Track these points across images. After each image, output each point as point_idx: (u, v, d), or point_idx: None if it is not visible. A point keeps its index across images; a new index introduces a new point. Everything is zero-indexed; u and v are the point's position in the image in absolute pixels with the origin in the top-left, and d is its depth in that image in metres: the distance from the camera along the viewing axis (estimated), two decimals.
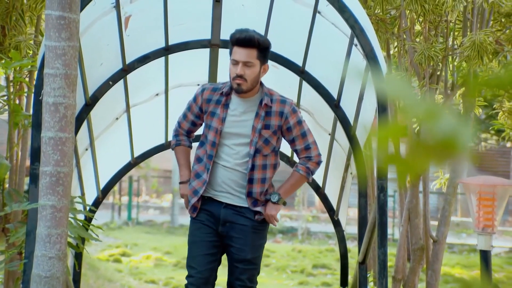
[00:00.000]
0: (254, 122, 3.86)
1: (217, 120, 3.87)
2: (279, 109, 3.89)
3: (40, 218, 3.52)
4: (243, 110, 3.88)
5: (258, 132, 3.84)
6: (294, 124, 3.90)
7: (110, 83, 4.92)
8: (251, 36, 3.80)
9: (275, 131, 3.89)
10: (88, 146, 5.38)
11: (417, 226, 5.17)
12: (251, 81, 3.82)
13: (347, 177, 5.53)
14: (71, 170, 3.57)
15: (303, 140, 3.94)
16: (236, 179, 3.89)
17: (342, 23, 4.45)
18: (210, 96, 3.91)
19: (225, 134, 3.87)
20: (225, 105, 3.88)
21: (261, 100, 3.88)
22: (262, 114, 3.86)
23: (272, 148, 3.92)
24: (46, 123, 3.49)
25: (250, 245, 3.90)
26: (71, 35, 3.50)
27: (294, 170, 3.98)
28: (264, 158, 3.90)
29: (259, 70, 3.85)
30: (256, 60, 3.82)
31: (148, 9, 4.86)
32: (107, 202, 18.32)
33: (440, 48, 5.02)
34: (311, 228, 16.91)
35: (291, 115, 3.90)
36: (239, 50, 3.80)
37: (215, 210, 3.91)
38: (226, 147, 3.87)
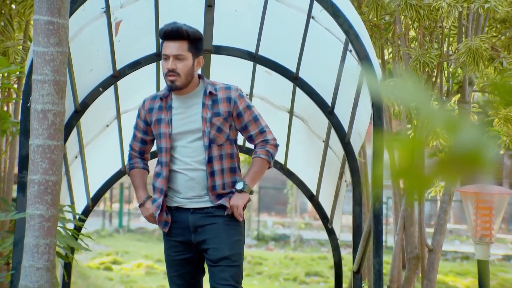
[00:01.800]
0: (203, 113, 3.69)
1: (163, 125, 3.72)
2: (225, 95, 3.72)
3: (28, 228, 3.45)
4: (188, 106, 3.72)
5: (209, 122, 3.68)
6: (244, 109, 3.74)
7: (101, 89, 4.85)
8: (179, 28, 3.65)
9: (226, 118, 3.71)
10: (78, 153, 5.30)
11: (412, 235, 5.10)
12: (185, 75, 3.65)
13: (341, 185, 5.46)
14: (60, 179, 3.50)
15: (256, 124, 3.77)
16: (198, 180, 3.70)
17: (336, 28, 4.38)
18: (151, 105, 3.78)
19: (176, 136, 3.71)
20: (167, 107, 3.73)
21: (204, 90, 3.72)
22: (209, 103, 3.70)
23: (226, 136, 3.73)
24: (35, 131, 3.42)
25: (225, 242, 3.69)
26: (60, 40, 3.43)
27: (255, 157, 3.78)
28: (220, 148, 3.71)
29: (192, 63, 3.68)
30: (188, 52, 3.66)
31: (138, 14, 4.79)
32: (98, 209, 18.22)
33: (435, 54, 4.97)
34: (304, 236, 16.84)
35: (239, 99, 3.73)
36: (168, 44, 3.65)
37: (183, 219, 3.73)
38: (181, 148, 3.70)
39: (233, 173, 3.75)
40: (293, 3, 4.73)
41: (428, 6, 4.85)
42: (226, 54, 4.99)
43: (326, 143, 5.40)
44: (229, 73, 5.08)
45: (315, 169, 5.62)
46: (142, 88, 5.42)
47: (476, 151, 0.76)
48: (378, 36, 5.19)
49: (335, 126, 5.00)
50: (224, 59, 5.03)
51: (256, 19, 4.79)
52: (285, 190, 17.80)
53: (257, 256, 13.87)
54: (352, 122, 4.84)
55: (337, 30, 4.50)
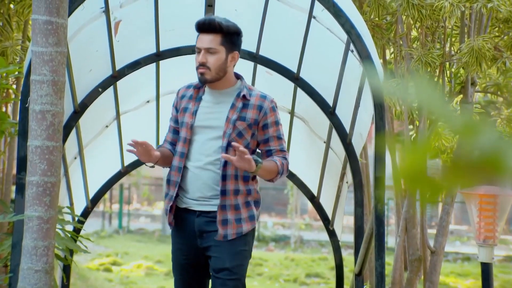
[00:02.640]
0: (229, 113, 3.55)
1: (188, 114, 3.59)
2: (258, 102, 3.57)
3: (26, 230, 3.42)
4: (217, 101, 3.59)
5: (232, 123, 3.53)
6: (272, 123, 3.58)
7: (100, 90, 4.81)
8: (212, 20, 3.51)
9: (250, 125, 3.55)
10: (77, 154, 5.27)
11: (414, 236, 5.06)
12: (216, 70, 3.52)
13: (342, 186, 5.42)
14: (58, 180, 3.46)
15: (279, 142, 3.60)
16: (207, 181, 3.53)
17: (338, 28, 4.35)
18: (185, 92, 3.66)
19: (197, 128, 3.57)
20: (197, 98, 3.61)
21: (239, 92, 3.58)
22: (239, 106, 3.55)
23: (245, 143, 3.55)
24: (33, 132, 3.39)
25: (228, 252, 3.53)
26: (58, 40, 3.40)
27: (271, 159, 3.55)
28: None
29: (225, 58, 3.53)
30: (220, 46, 3.51)
31: (138, 14, 4.76)
32: (98, 210, 18.18)
33: (437, 54, 4.93)
34: (304, 236, 16.80)
35: (271, 112, 3.58)
36: (201, 37, 3.53)
37: (189, 223, 3.58)
38: (198, 143, 3.55)
39: (246, 182, 3.57)
40: (294, 2, 4.69)
41: (431, 6, 4.81)
42: None
43: (327, 144, 5.36)
44: None
45: (316, 170, 5.59)
46: (141, 89, 5.39)
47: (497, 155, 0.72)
48: (379, 36, 5.15)
49: (337, 127, 4.96)
50: None
51: (257, 19, 4.75)
52: (286, 190, 17.77)
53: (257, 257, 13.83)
54: (353, 123, 4.81)
55: (338, 30, 4.47)
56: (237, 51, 3.57)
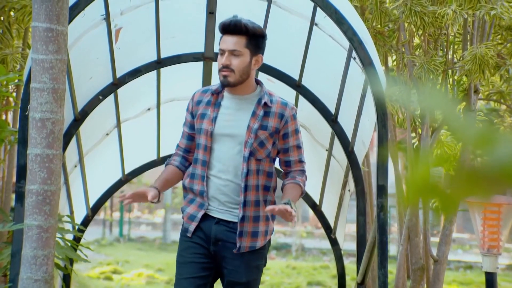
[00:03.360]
0: (250, 122, 3.43)
1: (207, 121, 3.45)
2: (279, 110, 3.46)
3: (26, 239, 3.38)
4: (238, 108, 3.46)
5: (254, 133, 3.42)
6: (292, 132, 3.49)
7: (100, 97, 4.79)
8: (237, 22, 3.39)
9: (272, 134, 3.45)
10: (77, 162, 5.24)
11: (417, 245, 5.02)
12: (240, 73, 3.40)
13: (344, 194, 5.39)
14: (58, 189, 3.43)
15: (298, 152, 3.55)
16: (229, 190, 3.44)
17: (340, 35, 4.32)
18: (201, 97, 3.52)
19: (217, 136, 3.45)
20: (216, 104, 3.47)
21: (259, 99, 3.46)
22: (260, 114, 3.44)
23: (267, 153, 3.46)
24: (33, 140, 3.36)
25: (245, 266, 3.45)
26: (59, 47, 3.37)
27: (293, 182, 3.51)
28: (258, 163, 3.45)
29: (249, 61, 3.41)
30: (245, 48, 3.40)
31: (139, 22, 4.73)
32: (98, 218, 18.14)
33: (440, 61, 4.90)
34: (306, 244, 16.75)
35: (292, 120, 3.48)
36: (225, 38, 3.41)
37: (206, 227, 3.47)
38: (218, 152, 3.44)
39: (266, 192, 3.49)
40: (296, 9, 4.66)
41: (433, 13, 4.78)
42: None
43: (329, 151, 5.33)
44: None
45: (318, 178, 5.55)
46: (142, 96, 5.36)
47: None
48: (382, 43, 5.12)
49: (339, 135, 4.93)
50: None
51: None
52: None
53: None
54: (356, 131, 4.77)
55: (340, 37, 4.44)
56: (261, 55, 3.46)
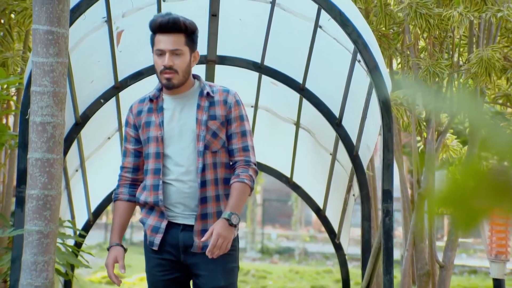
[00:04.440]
0: (198, 115, 3.29)
1: (154, 128, 3.31)
2: (222, 97, 3.33)
3: (26, 245, 3.33)
4: (181, 107, 3.33)
5: (204, 125, 3.28)
6: (235, 118, 3.33)
7: (102, 101, 4.74)
8: (176, 19, 3.24)
9: (222, 122, 3.32)
10: (79, 167, 5.20)
11: (422, 251, 4.96)
12: (183, 72, 3.27)
13: (349, 199, 5.33)
14: (59, 193, 3.38)
15: (242, 139, 3.34)
16: (191, 193, 3.28)
17: (345, 38, 4.27)
18: (140, 108, 3.37)
19: (168, 140, 3.29)
20: (158, 109, 3.32)
21: (200, 91, 3.33)
22: (205, 105, 3.31)
23: (221, 143, 3.32)
24: (33, 144, 3.30)
25: (220, 270, 3.27)
26: (59, 50, 3.32)
27: (237, 181, 3.28)
28: (214, 155, 3.30)
29: (190, 59, 3.29)
30: (185, 46, 3.27)
31: (141, 24, 4.67)
32: (100, 222, 18.09)
33: (445, 64, 4.84)
34: (309, 248, 16.67)
35: (235, 106, 3.34)
36: (163, 38, 3.25)
37: (172, 237, 3.31)
38: (172, 155, 3.29)
39: (227, 185, 3.33)
40: (300, 12, 4.61)
41: (439, 15, 4.72)
42: (231, 64, 4.88)
43: (334, 156, 5.28)
44: (233, 84, 4.94)
45: (322, 182, 5.50)
46: None
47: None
48: (386, 46, 5.06)
49: (343, 139, 4.87)
50: (228, 70, 4.92)
51: (262, 29, 4.68)
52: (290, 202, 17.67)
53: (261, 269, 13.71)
54: (360, 135, 4.72)
55: (345, 40, 4.39)
56: (197, 50, 3.35)
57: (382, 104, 4.11)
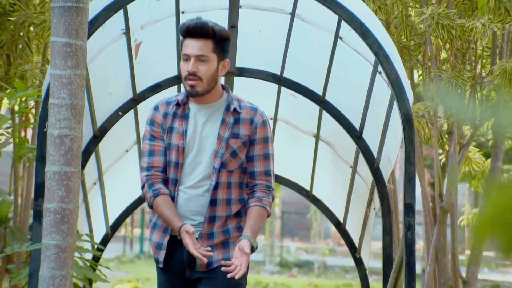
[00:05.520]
0: (220, 130, 3.18)
1: (176, 135, 3.20)
2: (249, 116, 3.21)
3: (44, 259, 3.30)
4: (206, 118, 3.21)
5: (225, 142, 3.17)
6: (259, 139, 3.21)
7: (120, 113, 4.71)
8: (204, 24, 3.14)
9: (245, 142, 3.20)
10: (97, 180, 5.17)
11: (445, 266, 4.87)
12: (208, 80, 3.15)
13: (369, 212, 5.26)
14: (77, 207, 3.35)
15: (265, 163, 3.22)
16: (198, 207, 3.20)
17: (365, 49, 4.22)
18: (166, 110, 3.25)
19: (188, 150, 3.20)
20: (183, 116, 3.22)
21: (227, 105, 3.22)
22: (230, 121, 3.20)
23: (239, 163, 3.20)
24: (51, 157, 3.28)
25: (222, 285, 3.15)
26: (78, 63, 3.29)
27: (259, 205, 3.17)
28: (229, 175, 3.19)
29: (217, 67, 3.17)
30: (212, 53, 3.15)
31: (159, 36, 4.66)
32: (119, 235, 18.09)
33: (468, 76, 4.77)
34: (328, 262, 16.56)
35: (261, 126, 3.22)
36: (190, 42, 3.15)
37: (177, 253, 3.22)
38: (188, 166, 3.19)
39: (238, 205, 3.24)
40: (320, 23, 4.57)
41: (461, 26, 4.66)
42: (250, 76, 4.84)
43: (354, 168, 5.21)
44: (253, 96, 4.89)
45: (342, 195, 5.44)
46: None
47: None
48: (407, 57, 5.00)
49: (364, 151, 4.81)
50: (247, 82, 4.88)
51: (281, 40, 4.63)
52: (309, 215, 17.59)
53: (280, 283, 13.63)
54: (381, 147, 4.65)
55: (366, 51, 4.34)
56: (228, 59, 3.24)
57: (403, 117, 4.06)
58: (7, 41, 4.87)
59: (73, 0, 3.23)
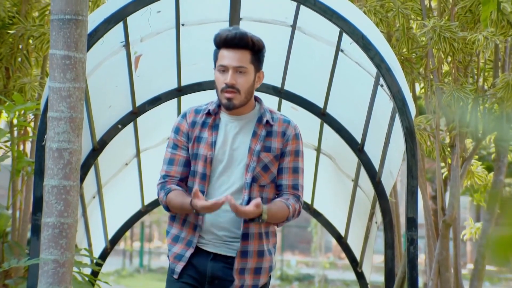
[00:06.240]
0: (251, 143, 3.07)
1: (204, 145, 3.07)
2: (281, 129, 3.11)
3: (42, 274, 3.26)
4: (237, 130, 3.10)
5: (256, 155, 3.06)
6: (290, 152, 3.11)
7: (119, 126, 4.69)
8: (243, 34, 3.02)
9: (276, 156, 3.09)
10: (96, 193, 5.14)
11: (448, 280, 4.82)
12: (245, 93, 3.04)
13: (371, 226, 5.21)
14: (75, 221, 3.31)
15: (293, 176, 3.12)
16: (227, 222, 3.07)
17: (367, 62, 4.19)
18: (195, 118, 3.12)
19: (216, 162, 3.07)
20: (214, 126, 3.09)
21: (259, 117, 3.11)
22: (262, 134, 3.08)
23: (272, 177, 3.10)
24: (49, 170, 3.24)
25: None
26: (77, 75, 3.26)
27: (283, 202, 3.07)
28: (261, 190, 3.08)
29: (254, 79, 3.07)
30: (250, 65, 3.04)
31: (159, 48, 4.64)
32: (118, 249, 18.02)
33: (470, 89, 4.74)
34: (329, 275, 16.49)
35: (293, 139, 3.12)
36: (228, 53, 3.02)
37: (200, 264, 3.10)
38: (216, 180, 3.07)
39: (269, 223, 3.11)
40: (321, 35, 4.55)
41: (463, 39, 4.63)
42: None
43: (356, 182, 5.17)
44: None
45: (344, 209, 5.40)
46: (162, 125, 5.25)
47: None
48: (409, 70, 4.98)
49: (365, 165, 4.77)
50: None
51: (282, 53, 4.61)
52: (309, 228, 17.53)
53: None
54: (383, 160, 4.62)
55: (367, 64, 4.31)
56: (263, 71, 3.14)
57: (405, 130, 4.02)
58: (6, 54, 4.86)
59: (72, 13, 3.20)
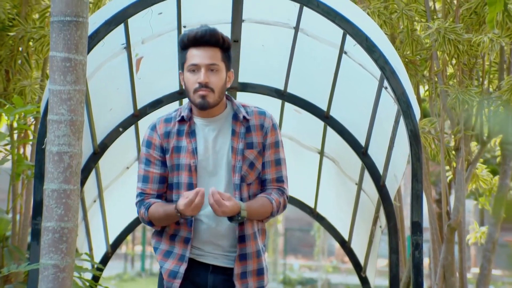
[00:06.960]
0: (233, 143, 2.99)
1: (186, 154, 2.98)
2: (258, 121, 3.03)
3: (42, 279, 3.23)
4: (216, 132, 3.01)
5: (240, 154, 2.98)
6: (270, 144, 3.03)
7: (120, 129, 4.65)
8: (214, 30, 2.95)
9: (260, 151, 3.02)
10: (97, 197, 5.10)
11: (453, 285, 4.78)
12: (219, 92, 2.96)
13: (375, 230, 5.17)
14: (76, 226, 3.28)
15: (276, 168, 3.04)
16: (225, 232, 2.99)
17: (371, 64, 4.14)
18: (166, 128, 3.02)
19: (201, 169, 2.98)
20: (190, 133, 3.00)
21: (234, 114, 3.02)
22: (242, 131, 3.00)
23: (257, 173, 3.02)
24: (49, 174, 3.21)
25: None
26: (77, 78, 3.23)
27: (265, 197, 2.99)
28: (249, 188, 3.01)
29: (226, 77, 2.99)
30: (221, 62, 2.97)
31: (161, 51, 4.61)
32: (120, 253, 18.01)
33: (475, 91, 4.70)
34: (332, 279, 16.46)
35: (271, 131, 3.04)
36: (198, 52, 2.94)
37: (200, 278, 3.01)
38: (205, 187, 2.94)
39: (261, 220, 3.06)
40: (324, 37, 4.51)
41: (468, 41, 4.60)
42: (253, 91, 4.78)
43: (359, 186, 5.14)
44: None
45: (347, 213, 5.36)
46: None
47: None
48: (413, 72, 4.94)
49: (369, 168, 4.73)
50: (250, 97, 4.82)
51: (285, 55, 4.57)
52: (312, 232, 17.51)
53: None
54: (387, 164, 4.57)
55: (371, 66, 4.27)
56: (232, 70, 3.06)
57: (410, 133, 3.98)
58: (6, 56, 4.84)
59: (72, 14, 3.17)
